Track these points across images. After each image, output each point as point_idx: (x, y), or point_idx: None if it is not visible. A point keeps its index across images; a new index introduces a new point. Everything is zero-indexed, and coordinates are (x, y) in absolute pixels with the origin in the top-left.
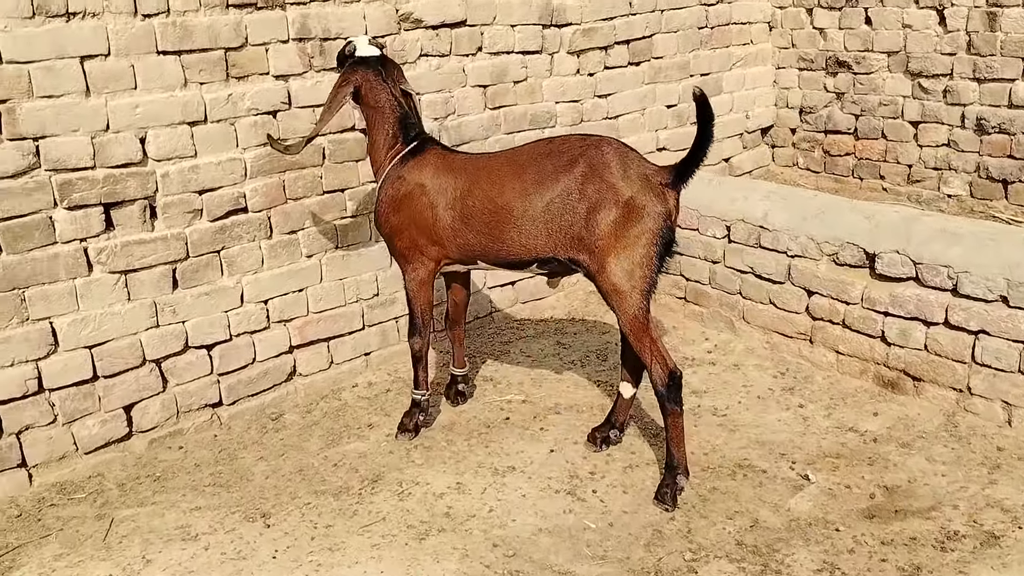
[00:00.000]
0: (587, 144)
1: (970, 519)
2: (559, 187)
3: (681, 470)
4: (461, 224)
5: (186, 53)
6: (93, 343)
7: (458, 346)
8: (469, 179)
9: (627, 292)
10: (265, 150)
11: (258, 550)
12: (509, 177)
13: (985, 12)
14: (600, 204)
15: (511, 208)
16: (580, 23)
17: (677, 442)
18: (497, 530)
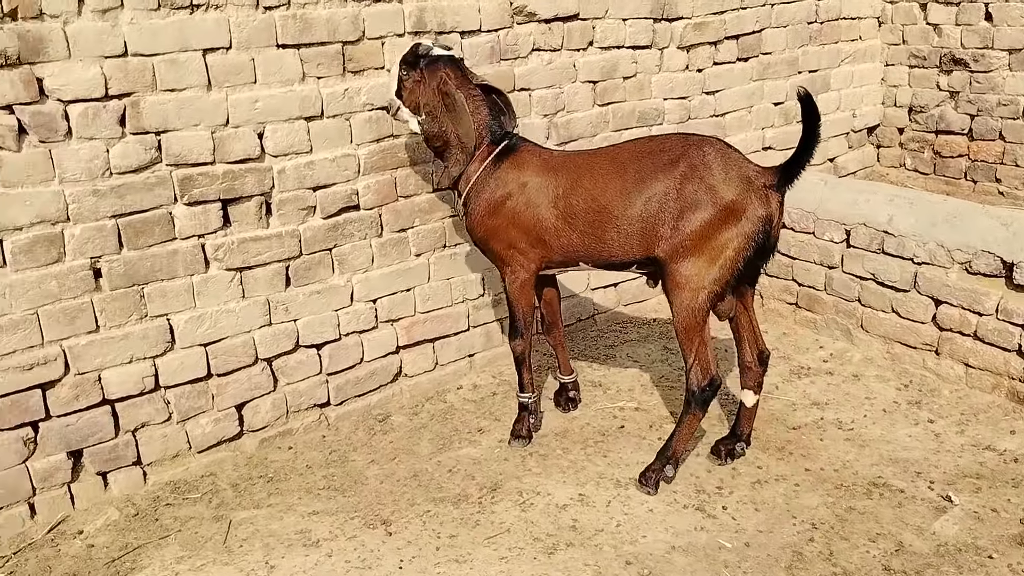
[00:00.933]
0: (689, 143)
1: None
2: (659, 186)
3: (673, 461)
4: (563, 223)
5: (305, 47)
6: (208, 341)
7: (561, 351)
8: (571, 177)
9: (697, 289)
10: (378, 146)
11: (383, 559)
12: (611, 175)
13: None
14: (696, 204)
15: (612, 207)
16: (691, 17)
17: (683, 438)
18: (628, 546)
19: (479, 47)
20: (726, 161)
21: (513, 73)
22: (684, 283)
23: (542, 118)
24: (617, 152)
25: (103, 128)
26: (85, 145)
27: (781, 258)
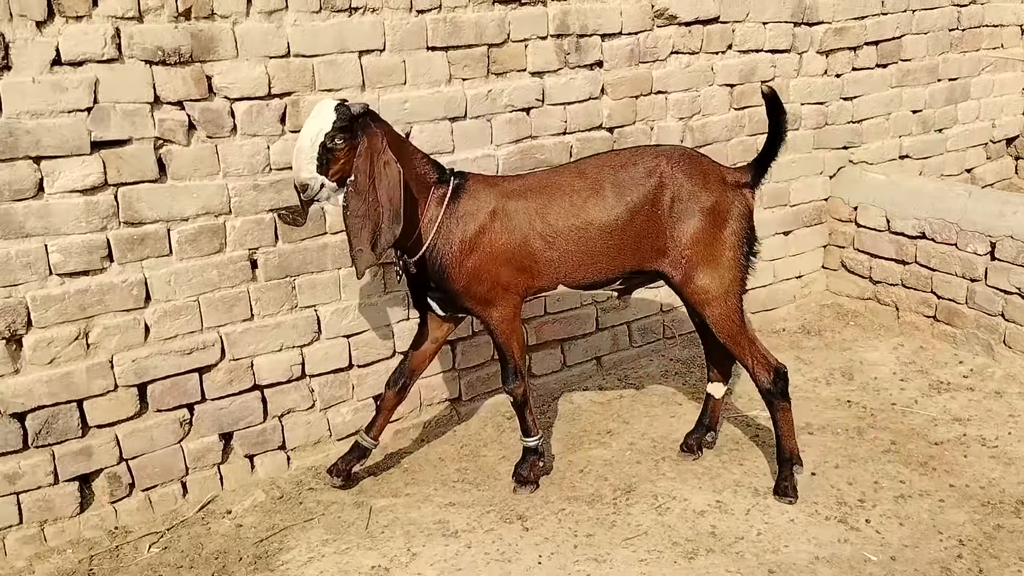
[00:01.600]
0: (659, 154)
1: None
2: (640, 199)
3: (796, 461)
4: (546, 244)
5: (453, 49)
6: (351, 332)
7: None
8: (542, 197)
9: (720, 297)
10: (516, 147)
11: (522, 554)
12: (586, 192)
13: None
14: (684, 213)
15: (596, 221)
16: (832, 22)
17: (788, 435)
18: (770, 555)
19: (619, 50)
20: (699, 167)
21: (651, 76)
22: (706, 295)
23: (677, 121)
24: (583, 168)
25: (265, 125)
26: (248, 141)
27: (920, 270)
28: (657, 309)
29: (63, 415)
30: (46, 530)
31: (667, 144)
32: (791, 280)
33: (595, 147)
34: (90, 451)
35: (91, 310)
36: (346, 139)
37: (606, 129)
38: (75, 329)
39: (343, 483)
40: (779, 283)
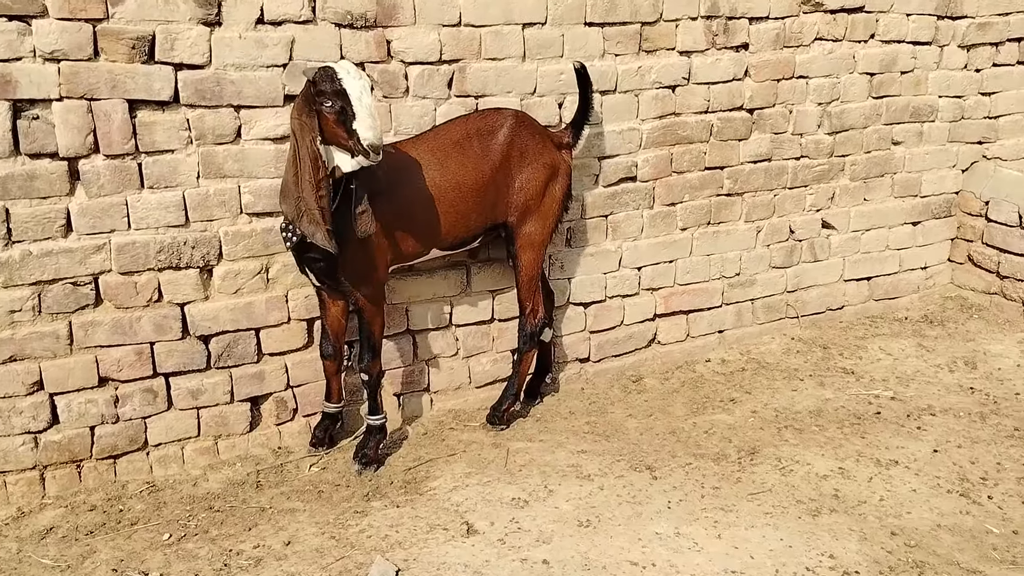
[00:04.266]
0: (506, 116)
1: None
2: (500, 158)
3: (517, 393)
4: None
5: (608, 25)
6: (494, 288)
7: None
8: (422, 168)
9: (538, 244)
10: (660, 122)
11: (652, 498)
12: (455, 158)
13: None
14: (527, 167)
15: (469, 185)
16: (976, 17)
17: (524, 376)
18: (892, 519)
19: (765, 33)
20: (538, 127)
21: (794, 60)
22: (529, 242)
23: (816, 106)
24: (440, 137)
25: (434, 89)
26: (418, 103)
27: None
28: (782, 289)
29: (242, 341)
30: (219, 444)
31: (504, 108)
32: (916, 271)
33: (735, 128)
34: (263, 376)
35: (273, 248)
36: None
37: (747, 110)
38: (258, 264)
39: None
40: (904, 272)
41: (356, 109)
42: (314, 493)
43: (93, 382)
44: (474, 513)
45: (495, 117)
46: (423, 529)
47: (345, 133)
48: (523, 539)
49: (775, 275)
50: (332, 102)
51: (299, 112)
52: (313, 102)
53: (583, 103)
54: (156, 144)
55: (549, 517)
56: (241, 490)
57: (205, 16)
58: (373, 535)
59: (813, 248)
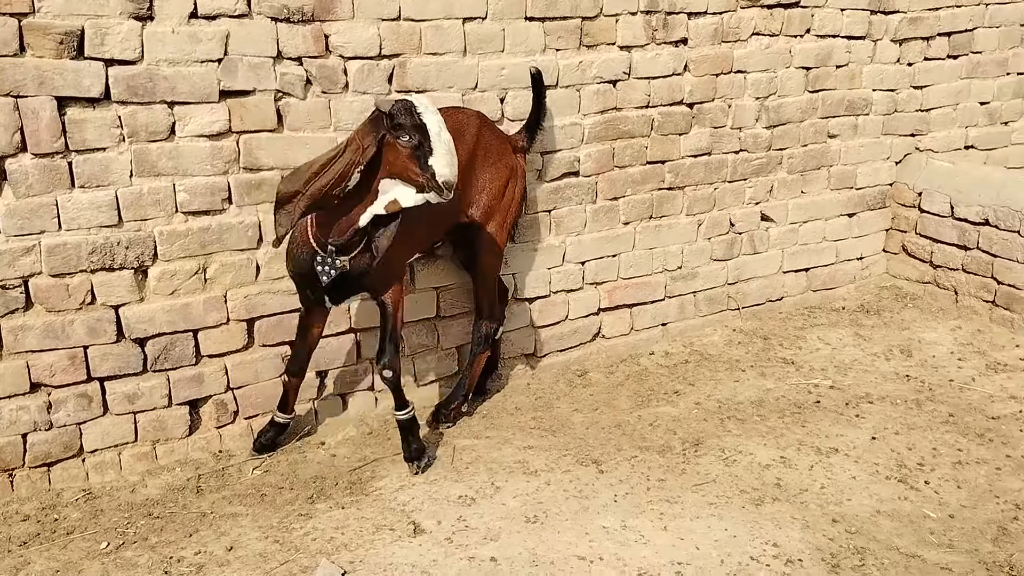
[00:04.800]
0: (469, 115)
1: None
2: (467, 156)
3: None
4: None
5: (549, 20)
6: (439, 285)
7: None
8: None
9: (500, 246)
10: (602, 117)
11: (598, 492)
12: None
13: None
14: (490, 167)
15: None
16: (907, 12)
17: (476, 376)
18: (833, 506)
19: (703, 28)
20: (497, 129)
21: (732, 55)
22: (491, 242)
23: (754, 100)
24: None
25: (374, 84)
26: (358, 99)
27: (981, 255)
28: (724, 281)
29: (180, 343)
30: (158, 449)
31: (463, 107)
32: (853, 261)
33: (676, 122)
34: (201, 378)
35: (210, 247)
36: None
37: (687, 105)
38: (195, 264)
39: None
40: (841, 263)
41: (434, 145)
42: (257, 497)
43: (25, 388)
44: (421, 512)
45: (460, 116)
46: (369, 530)
47: (418, 168)
48: (470, 537)
49: (716, 268)
50: (410, 136)
51: (362, 136)
52: (384, 132)
53: (537, 106)
54: (87, 142)
55: (496, 514)
56: (181, 495)
57: (136, 10)
58: (318, 538)
59: (753, 240)
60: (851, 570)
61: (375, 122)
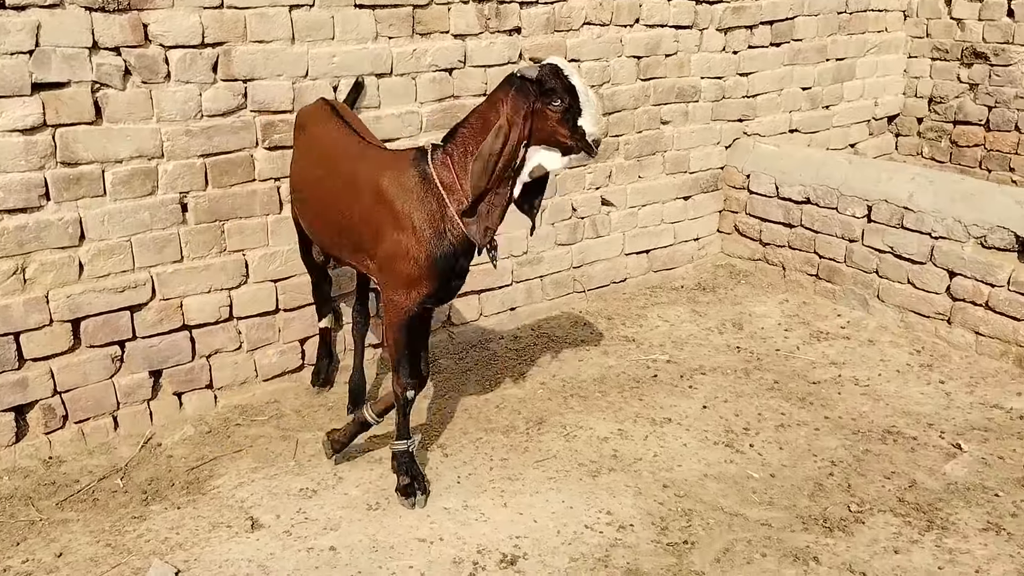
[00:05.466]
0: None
1: None
2: None
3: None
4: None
5: (379, 8)
6: (278, 277)
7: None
8: None
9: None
10: (440, 105)
11: (442, 475)
12: None
13: None
14: None
15: None
16: (731, 1)
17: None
18: (664, 473)
19: (536, 17)
20: None
21: (565, 44)
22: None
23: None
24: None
25: (198, 73)
26: (181, 88)
27: (804, 232)
28: (568, 265)
29: (0, 347)
30: None
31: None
32: (689, 242)
33: None
34: (25, 383)
35: (28, 246)
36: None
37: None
38: (13, 264)
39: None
40: (679, 244)
41: (583, 105)
42: (89, 502)
43: None
44: (259, 508)
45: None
46: (205, 528)
47: (567, 130)
48: (310, 528)
49: (561, 252)
50: (560, 100)
51: (514, 111)
52: (534, 101)
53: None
54: None
55: (338, 504)
56: (9, 504)
57: None
58: (152, 539)
59: (595, 225)
60: (679, 531)
61: (521, 92)
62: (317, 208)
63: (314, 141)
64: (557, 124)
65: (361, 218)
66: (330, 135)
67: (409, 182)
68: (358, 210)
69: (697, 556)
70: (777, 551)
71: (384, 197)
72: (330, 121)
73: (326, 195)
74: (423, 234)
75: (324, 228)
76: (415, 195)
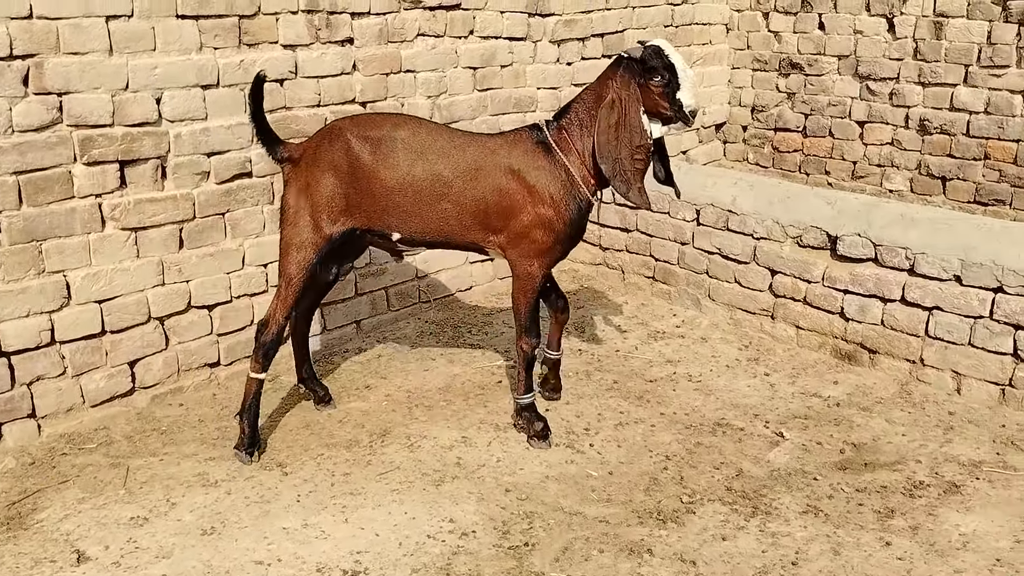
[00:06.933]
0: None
1: (932, 471)
2: None
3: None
4: None
5: (203, 18)
6: (103, 298)
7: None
8: None
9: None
10: (271, 116)
11: (281, 495)
12: None
13: (932, 21)
14: None
15: None
16: (562, 14)
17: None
18: (507, 477)
19: (368, 28)
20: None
21: (400, 55)
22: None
23: (426, 99)
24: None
25: (6, 87)
26: None
27: (640, 236)
28: (413, 275)
29: None
30: None
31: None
32: None
33: None
34: None
35: None
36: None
37: (359, 103)
38: None
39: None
40: None
41: (681, 80)
42: None
43: None
44: (87, 539)
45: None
46: (27, 565)
47: (667, 103)
48: (141, 558)
49: (405, 262)
50: (661, 76)
51: (623, 87)
52: (639, 77)
53: (256, 113)
54: None
55: (170, 531)
56: None
57: None
58: None
59: None
60: (520, 533)
61: (628, 70)
62: (412, 199)
63: (388, 144)
64: (659, 97)
65: (486, 200)
66: (416, 134)
67: (537, 159)
68: (481, 193)
69: (537, 557)
70: (614, 546)
71: (517, 176)
72: (405, 123)
73: (429, 186)
74: (560, 203)
75: (421, 216)
76: (546, 170)
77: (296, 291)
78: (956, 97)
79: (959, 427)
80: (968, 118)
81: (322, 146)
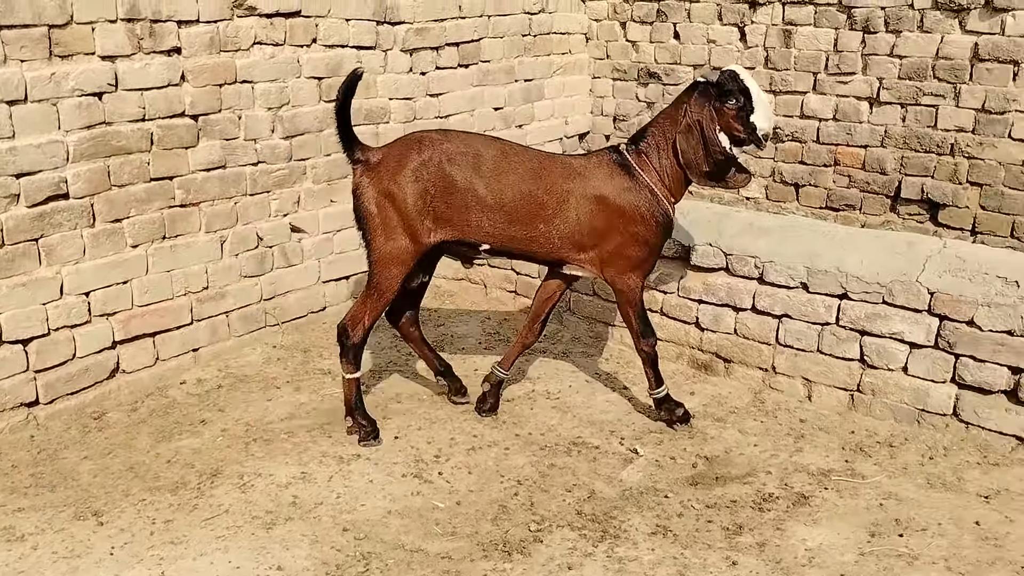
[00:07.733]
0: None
1: (782, 483)
2: None
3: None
4: None
5: (7, 28)
6: None
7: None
8: None
9: None
10: (89, 133)
11: (93, 548)
12: None
13: (781, 30)
14: None
15: None
16: (413, 22)
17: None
18: (346, 515)
19: (197, 37)
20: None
21: (235, 65)
22: None
23: (267, 111)
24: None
25: None
26: None
27: None
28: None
29: None
30: None
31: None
32: None
33: (179, 135)
34: None
35: None
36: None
37: (190, 117)
38: None
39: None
40: None
41: (756, 104)
42: None
43: None
44: None
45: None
46: None
47: (741, 125)
48: None
49: (248, 284)
50: (736, 99)
51: (700, 108)
52: (714, 100)
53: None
54: None
55: None
56: None
57: None
58: None
59: (285, 253)
60: None
61: (704, 94)
62: (507, 217)
63: (482, 162)
64: (732, 120)
65: (580, 221)
66: (506, 154)
67: (624, 183)
68: (575, 215)
69: None
70: None
71: (607, 202)
72: (493, 142)
73: (525, 205)
74: (650, 219)
75: (513, 234)
76: (633, 192)
77: (388, 301)
78: (806, 104)
79: (810, 435)
80: (818, 125)
81: (408, 156)
